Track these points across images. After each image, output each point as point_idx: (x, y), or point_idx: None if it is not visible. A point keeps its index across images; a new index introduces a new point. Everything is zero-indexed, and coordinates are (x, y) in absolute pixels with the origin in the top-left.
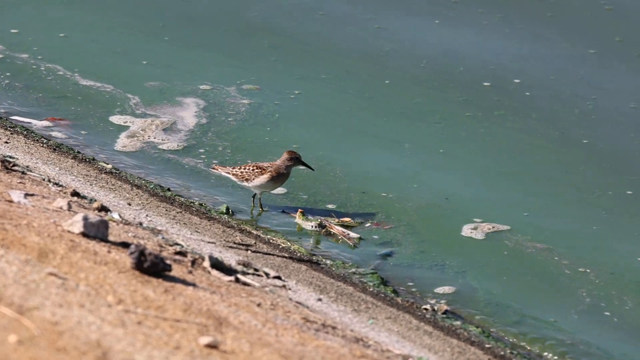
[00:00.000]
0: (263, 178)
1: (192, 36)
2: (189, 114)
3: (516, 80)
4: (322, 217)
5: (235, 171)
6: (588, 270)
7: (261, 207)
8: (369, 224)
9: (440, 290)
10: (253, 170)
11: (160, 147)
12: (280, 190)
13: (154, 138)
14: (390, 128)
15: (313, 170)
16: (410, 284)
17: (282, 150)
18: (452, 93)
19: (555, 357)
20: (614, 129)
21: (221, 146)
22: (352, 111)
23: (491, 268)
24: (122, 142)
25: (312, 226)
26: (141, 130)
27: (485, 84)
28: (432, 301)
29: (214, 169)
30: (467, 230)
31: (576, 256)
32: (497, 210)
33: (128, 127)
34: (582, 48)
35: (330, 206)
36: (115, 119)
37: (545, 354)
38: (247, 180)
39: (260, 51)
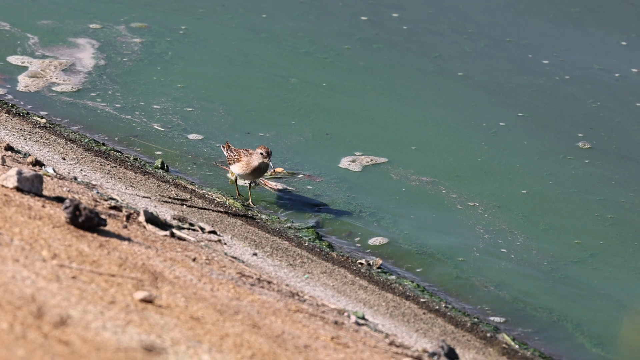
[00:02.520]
0: (238, 166)
1: None
2: (86, 55)
3: (394, 15)
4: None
5: (227, 151)
6: (476, 204)
7: (238, 194)
8: (301, 176)
9: (373, 241)
10: (234, 155)
11: (60, 88)
12: (193, 136)
13: (56, 79)
14: (276, 62)
15: (273, 170)
16: (345, 235)
17: (175, 92)
18: (330, 26)
19: (466, 297)
20: (489, 61)
21: (119, 88)
22: (239, 45)
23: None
24: (24, 83)
25: (245, 182)
26: (41, 70)
27: (363, 17)
28: (367, 255)
29: (223, 147)
30: (345, 163)
31: (463, 190)
32: (376, 144)
33: (27, 67)
34: None
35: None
36: (14, 60)
37: (456, 294)
38: (229, 163)
39: None
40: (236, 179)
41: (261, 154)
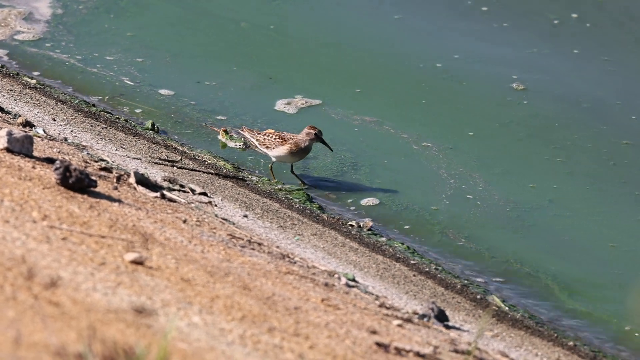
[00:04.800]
0: (283, 149)
1: None
2: (42, 4)
3: None
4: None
5: (259, 137)
6: (429, 145)
7: (274, 177)
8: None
9: (365, 202)
10: (275, 139)
11: (24, 37)
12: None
13: (20, 27)
14: (227, 6)
15: (332, 150)
16: (334, 198)
17: (128, 43)
18: None
19: (444, 254)
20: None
21: (74, 40)
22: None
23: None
24: None
25: (235, 144)
26: (2, 19)
27: None
28: (358, 217)
29: (242, 130)
30: (281, 106)
31: (412, 130)
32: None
33: None
34: None
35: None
36: None
37: (436, 250)
38: (267, 147)
39: None
40: (272, 165)
41: (315, 134)
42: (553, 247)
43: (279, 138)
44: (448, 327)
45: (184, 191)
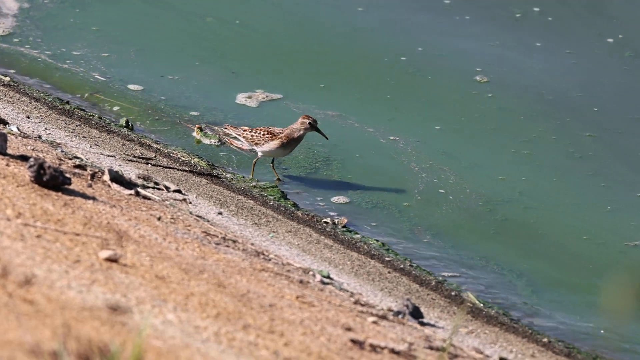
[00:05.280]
0: (273, 144)
1: None
2: None
3: None
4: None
5: (246, 134)
6: (397, 138)
7: (253, 173)
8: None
9: (336, 199)
10: (263, 134)
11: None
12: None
13: None
14: (192, 0)
15: (327, 139)
16: (310, 195)
17: (93, 37)
18: None
19: (417, 249)
20: None
21: (42, 34)
22: None
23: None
24: None
25: (210, 141)
26: None
27: None
28: (333, 214)
29: (226, 128)
30: (242, 99)
31: (377, 124)
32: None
33: None
34: None
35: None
36: None
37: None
38: (257, 144)
39: None
40: (256, 161)
41: (309, 123)
42: (527, 241)
43: (267, 133)
44: (423, 324)
45: (159, 188)
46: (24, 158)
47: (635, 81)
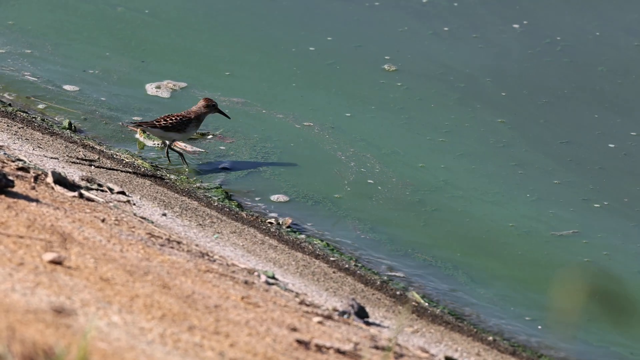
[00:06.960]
0: (191, 125)
1: None
2: None
3: None
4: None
5: (163, 122)
6: (311, 124)
7: (169, 161)
8: (211, 137)
9: (275, 198)
10: (180, 119)
11: None
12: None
13: None
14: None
15: (229, 118)
16: (252, 195)
17: (10, 32)
18: None
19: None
20: None
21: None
22: None
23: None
24: None
25: (153, 143)
26: None
27: None
28: (277, 214)
29: (142, 125)
30: (152, 90)
31: (285, 111)
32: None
33: None
34: None
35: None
36: None
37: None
38: (179, 131)
39: None
40: (168, 146)
41: (213, 105)
42: (458, 232)
43: (183, 117)
44: (368, 324)
45: (102, 190)
46: None
47: (540, 66)
